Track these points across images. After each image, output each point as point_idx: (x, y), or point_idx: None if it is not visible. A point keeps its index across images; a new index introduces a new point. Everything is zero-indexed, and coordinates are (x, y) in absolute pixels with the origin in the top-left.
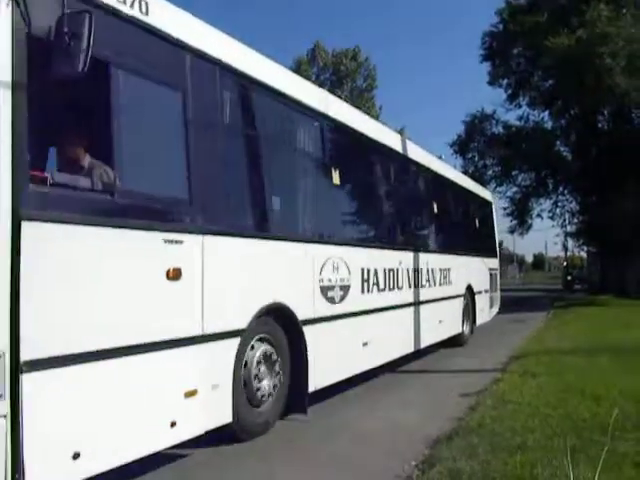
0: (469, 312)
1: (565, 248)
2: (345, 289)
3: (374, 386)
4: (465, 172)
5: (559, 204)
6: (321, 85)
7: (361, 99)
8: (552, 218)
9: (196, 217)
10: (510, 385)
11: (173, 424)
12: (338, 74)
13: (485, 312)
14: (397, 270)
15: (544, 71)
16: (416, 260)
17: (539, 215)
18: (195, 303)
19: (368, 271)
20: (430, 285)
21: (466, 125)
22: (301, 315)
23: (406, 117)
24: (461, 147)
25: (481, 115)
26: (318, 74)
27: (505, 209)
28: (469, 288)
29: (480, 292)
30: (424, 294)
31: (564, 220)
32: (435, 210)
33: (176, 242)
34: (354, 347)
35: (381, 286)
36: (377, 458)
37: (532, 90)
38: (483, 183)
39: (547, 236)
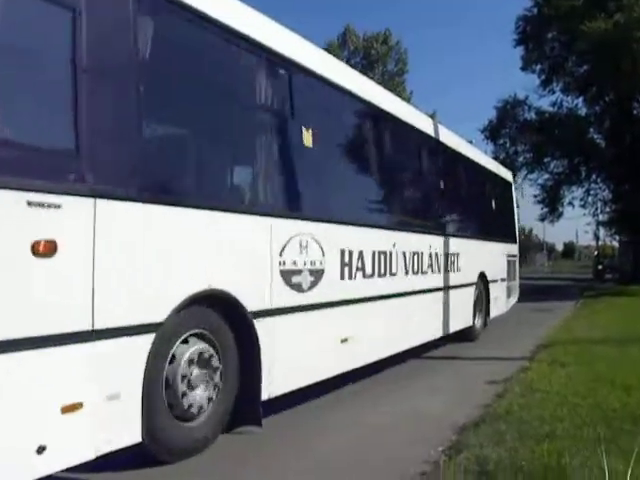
0: (482, 303)
1: (596, 237)
2: (317, 274)
3: (400, 372)
4: (496, 158)
5: (591, 192)
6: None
7: (392, 83)
8: (584, 206)
9: (84, 173)
10: (538, 373)
11: (41, 449)
12: (369, 58)
13: (501, 303)
14: (390, 253)
15: (579, 56)
16: (415, 242)
17: (570, 203)
18: (79, 288)
19: (350, 253)
20: (433, 272)
21: (498, 110)
22: (251, 306)
23: (436, 101)
24: (492, 133)
25: (513, 101)
26: (349, 58)
27: (536, 196)
28: (482, 276)
29: (495, 281)
30: (425, 282)
31: (596, 208)
32: (442, 186)
33: (49, 206)
34: (329, 344)
35: (368, 272)
36: (403, 444)
37: (566, 76)
38: (514, 170)
39: (578, 224)
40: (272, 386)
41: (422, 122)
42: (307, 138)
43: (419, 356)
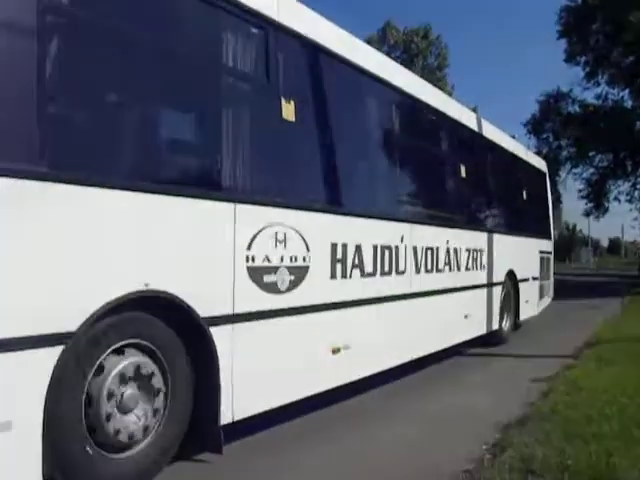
0: (510, 304)
1: None
2: (299, 272)
3: (441, 369)
4: (538, 152)
5: (638, 186)
6: None
7: (432, 77)
8: (630, 201)
9: None
10: (584, 372)
11: None
12: (409, 52)
13: (532, 304)
14: (396, 248)
15: (625, 47)
16: (428, 236)
17: (616, 198)
18: None
19: (345, 248)
20: (451, 270)
21: (541, 104)
22: (205, 311)
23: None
24: (535, 127)
25: (557, 94)
26: (389, 52)
27: (580, 191)
28: (511, 274)
29: (526, 279)
30: (439, 282)
31: None
32: (463, 174)
33: None
34: (316, 355)
35: (368, 270)
36: (446, 442)
37: (611, 67)
38: (558, 164)
39: (624, 220)
40: (236, 407)
41: (438, 99)
42: (287, 109)
43: (462, 353)
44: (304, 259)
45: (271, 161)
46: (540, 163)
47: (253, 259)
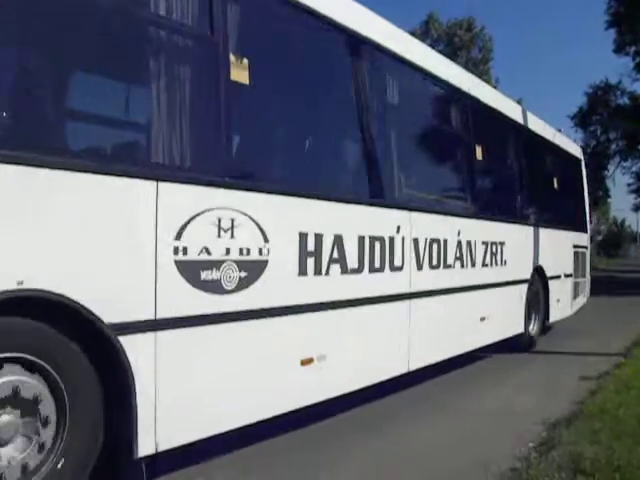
0: (538, 304)
1: None
2: (252, 268)
3: (488, 367)
4: (586, 146)
5: None
6: None
7: (476, 71)
8: None
9: None
10: (635, 370)
11: None
12: (452, 45)
13: (565, 304)
14: (392, 240)
15: None
16: (434, 226)
17: None
18: None
19: (319, 239)
20: (463, 266)
21: (588, 96)
22: (111, 316)
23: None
24: (582, 120)
25: (605, 85)
26: (432, 45)
27: (629, 185)
28: (539, 271)
29: (557, 277)
30: (449, 279)
31: None
32: (479, 156)
33: None
34: (275, 369)
35: (351, 265)
36: (491, 438)
37: None
38: (606, 157)
39: None
40: (161, 436)
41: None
42: (238, 70)
43: (508, 350)
44: (260, 252)
45: (213, 128)
46: (575, 149)
47: (185, 251)
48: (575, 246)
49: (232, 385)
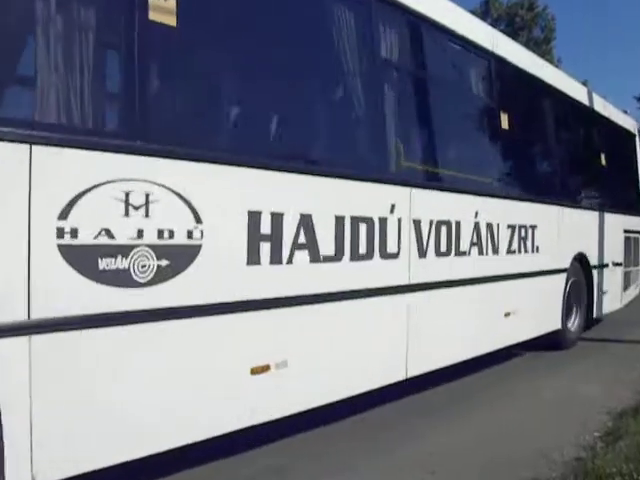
0: (580, 297)
1: None
2: (177, 255)
3: (553, 355)
4: None
5: None
6: None
7: (538, 50)
8: None
9: None
10: None
11: None
12: (513, 25)
13: (613, 296)
14: (384, 221)
15: None
16: (443, 206)
17: None
18: None
19: (277, 219)
20: (482, 253)
21: None
22: None
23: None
24: None
25: None
26: (492, 25)
27: None
28: (580, 259)
29: (603, 266)
30: (463, 269)
31: None
32: (504, 124)
33: None
34: (213, 380)
35: (324, 252)
36: (555, 427)
37: None
38: None
39: None
40: (39, 470)
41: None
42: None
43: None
44: (190, 235)
45: (117, 75)
46: (629, 122)
47: (74, 233)
48: (626, 231)
49: (148, 403)
